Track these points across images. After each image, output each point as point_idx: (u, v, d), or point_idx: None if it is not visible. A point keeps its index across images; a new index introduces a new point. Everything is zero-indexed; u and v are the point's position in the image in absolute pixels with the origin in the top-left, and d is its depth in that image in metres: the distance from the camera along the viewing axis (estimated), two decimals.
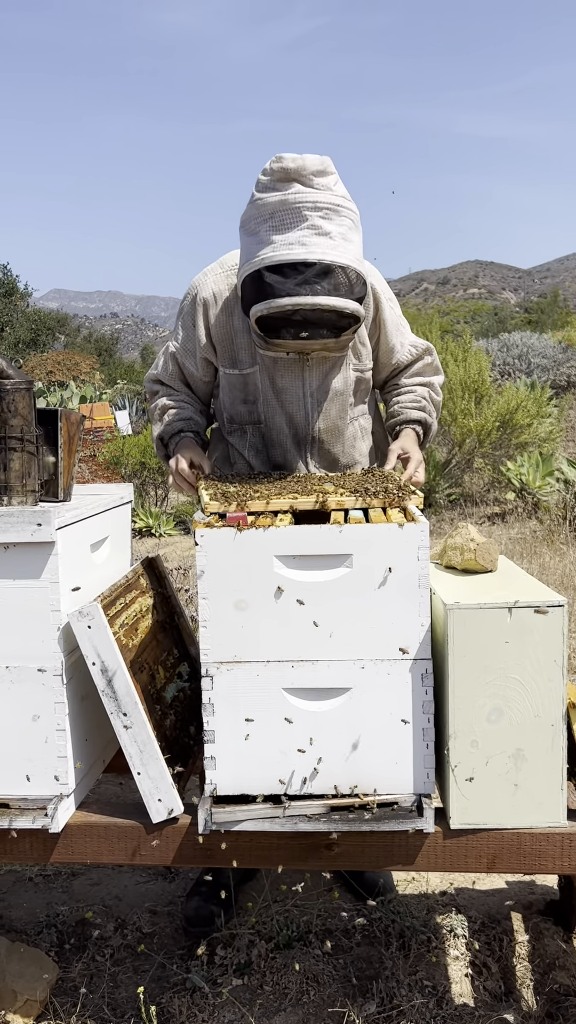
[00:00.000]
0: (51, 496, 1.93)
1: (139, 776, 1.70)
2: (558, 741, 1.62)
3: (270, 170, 1.83)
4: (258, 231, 1.84)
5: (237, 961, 2.03)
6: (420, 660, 1.63)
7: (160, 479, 8.80)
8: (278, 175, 1.82)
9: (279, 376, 2.10)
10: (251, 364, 2.11)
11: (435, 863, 1.69)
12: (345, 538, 1.61)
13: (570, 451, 9.59)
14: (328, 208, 1.81)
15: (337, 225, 1.82)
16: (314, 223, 1.80)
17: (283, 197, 1.81)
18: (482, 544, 1.86)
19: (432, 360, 2.29)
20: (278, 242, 1.80)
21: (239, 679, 1.65)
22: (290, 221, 1.80)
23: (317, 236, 1.79)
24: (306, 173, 1.81)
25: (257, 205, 1.84)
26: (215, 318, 2.11)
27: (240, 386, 2.14)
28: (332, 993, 1.94)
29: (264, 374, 2.11)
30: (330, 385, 2.12)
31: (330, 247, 1.79)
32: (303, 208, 1.80)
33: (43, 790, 1.73)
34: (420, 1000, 1.89)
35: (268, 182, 1.84)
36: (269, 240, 1.81)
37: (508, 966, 2.01)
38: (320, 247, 1.79)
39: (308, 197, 1.80)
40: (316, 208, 1.80)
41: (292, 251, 1.78)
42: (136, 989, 1.94)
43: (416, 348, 2.27)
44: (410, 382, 2.26)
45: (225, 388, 2.18)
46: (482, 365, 8.23)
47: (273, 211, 1.81)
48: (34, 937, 2.17)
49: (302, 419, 2.13)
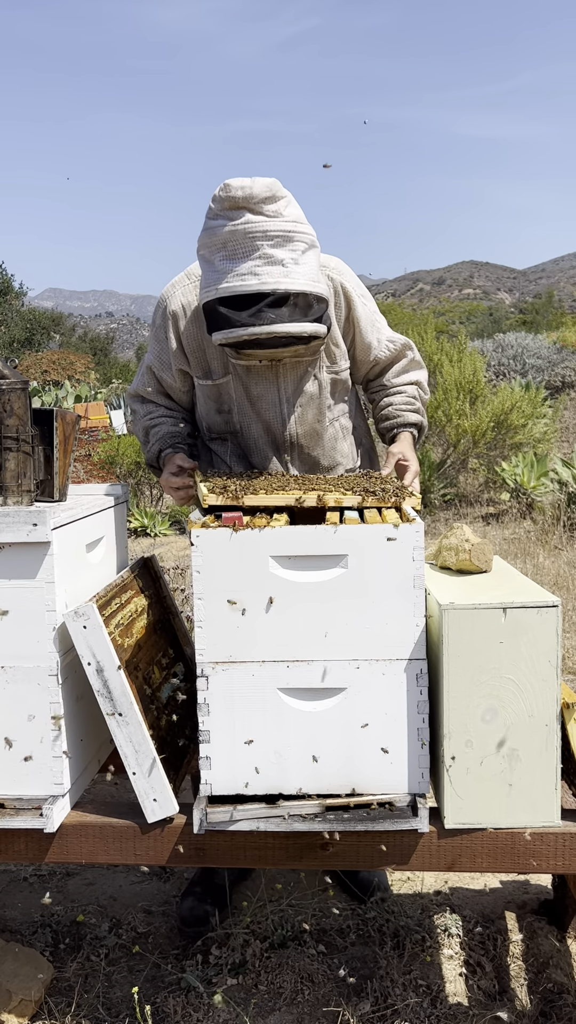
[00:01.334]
0: (47, 496, 1.93)
1: (134, 776, 1.70)
2: (552, 741, 1.62)
3: (219, 198, 1.82)
4: (212, 259, 1.84)
5: (232, 961, 2.03)
6: (415, 660, 1.63)
7: (155, 479, 8.80)
8: (227, 203, 1.81)
9: (253, 384, 2.10)
10: (223, 374, 2.11)
11: (429, 863, 1.69)
12: (340, 539, 1.61)
13: (564, 452, 9.61)
14: (280, 236, 1.80)
15: (289, 251, 1.81)
16: (265, 252, 1.79)
17: (233, 227, 1.80)
18: (477, 545, 1.87)
19: (414, 355, 2.28)
20: (232, 272, 1.80)
21: (234, 679, 1.65)
22: (242, 252, 1.80)
23: (269, 265, 1.79)
24: (255, 201, 1.80)
25: (209, 233, 1.84)
26: (185, 329, 2.11)
27: (214, 396, 2.14)
28: (327, 992, 1.95)
29: (238, 383, 2.11)
30: (304, 389, 2.12)
31: (282, 275, 1.79)
32: (255, 238, 1.79)
33: (38, 790, 1.73)
34: (414, 999, 1.89)
35: (218, 210, 1.83)
36: (223, 269, 1.81)
37: (502, 965, 2.02)
38: (272, 276, 1.79)
39: (258, 227, 1.79)
40: (267, 237, 1.80)
41: (245, 282, 1.79)
42: (131, 989, 1.94)
43: (394, 343, 2.25)
44: (399, 381, 2.26)
45: (201, 398, 2.18)
46: (477, 366, 8.24)
47: (225, 241, 1.81)
48: (29, 937, 2.17)
49: (279, 425, 2.13)
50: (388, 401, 2.25)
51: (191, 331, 2.10)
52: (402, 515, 1.72)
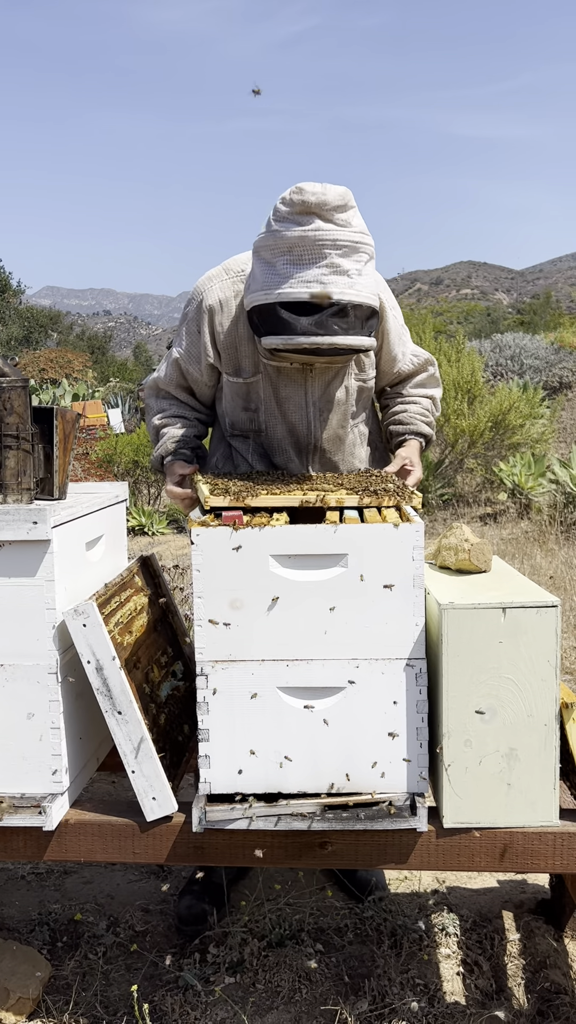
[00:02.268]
0: (46, 494, 1.93)
1: (133, 774, 1.70)
2: (551, 741, 1.63)
3: (290, 201, 1.79)
4: (275, 262, 1.81)
5: (230, 959, 2.03)
6: (414, 660, 1.63)
7: (153, 478, 8.79)
8: (299, 207, 1.78)
9: (282, 385, 2.10)
10: (254, 373, 2.10)
11: (428, 862, 1.70)
12: (340, 538, 1.62)
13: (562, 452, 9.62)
14: (347, 246, 1.78)
15: (354, 262, 1.80)
16: (333, 261, 1.77)
17: (303, 233, 1.77)
18: (476, 544, 1.87)
19: (434, 372, 2.30)
20: (296, 278, 1.78)
21: (233, 678, 1.65)
22: (309, 258, 1.77)
23: (335, 275, 1.77)
24: (327, 208, 1.77)
25: (275, 235, 1.80)
26: (220, 325, 2.10)
27: (242, 394, 2.14)
28: (324, 991, 1.95)
29: (267, 383, 2.10)
30: (332, 394, 2.13)
31: (347, 285, 1.78)
32: (324, 246, 1.77)
33: (37, 788, 1.73)
34: (412, 998, 1.89)
35: (287, 213, 1.80)
36: (287, 274, 1.79)
37: (499, 964, 2.02)
38: (338, 286, 1.77)
39: (328, 235, 1.77)
40: (336, 246, 1.77)
41: (310, 289, 1.77)
42: (129, 987, 1.95)
43: (417, 358, 2.27)
44: (416, 392, 2.27)
45: (227, 395, 2.17)
46: (475, 366, 8.25)
47: (292, 245, 1.78)
48: (26, 935, 2.17)
49: (304, 428, 2.13)
50: (403, 408, 2.25)
51: (227, 327, 2.09)
52: (402, 515, 1.72)
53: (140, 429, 9.27)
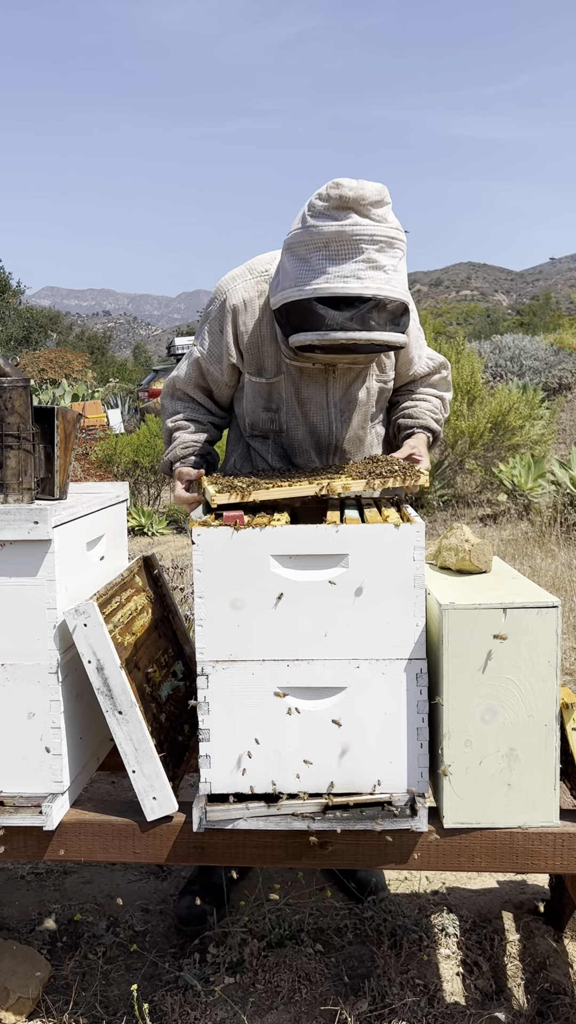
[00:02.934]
0: (47, 494, 1.93)
1: (134, 774, 1.70)
2: (551, 741, 1.63)
3: (327, 196, 1.78)
4: (309, 258, 1.79)
5: (229, 959, 2.03)
6: (415, 660, 1.63)
7: (153, 478, 8.79)
8: (336, 202, 1.77)
9: (304, 386, 2.10)
10: (276, 373, 2.10)
11: (428, 862, 1.70)
12: (341, 538, 1.62)
13: (561, 453, 9.63)
14: (384, 241, 1.77)
15: (390, 257, 1.79)
16: (370, 256, 1.76)
17: (340, 228, 1.76)
18: (476, 545, 1.87)
19: (447, 375, 2.30)
20: (332, 273, 1.76)
21: (234, 678, 1.65)
22: (346, 253, 1.76)
23: (372, 270, 1.77)
24: (365, 203, 1.76)
25: (311, 231, 1.79)
26: (244, 325, 2.09)
27: (264, 394, 2.13)
28: (324, 991, 1.95)
29: (289, 383, 2.10)
30: (353, 395, 2.13)
31: (384, 281, 1.77)
32: (360, 241, 1.76)
33: (38, 788, 1.74)
34: (412, 998, 1.89)
35: (324, 208, 1.78)
36: (322, 270, 1.77)
37: (499, 965, 2.02)
38: (375, 282, 1.76)
39: (366, 230, 1.76)
40: (373, 241, 1.76)
41: (348, 284, 1.75)
42: (128, 987, 1.95)
43: (432, 361, 2.28)
44: (427, 391, 2.27)
45: (248, 394, 2.16)
46: (475, 367, 8.25)
47: (328, 240, 1.77)
48: (26, 935, 2.17)
49: (325, 428, 2.13)
50: (413, 403, 2.25)
51: (250, 327, 2.09)
52: (403, 515, 1.72)
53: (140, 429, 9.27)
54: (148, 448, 8.55)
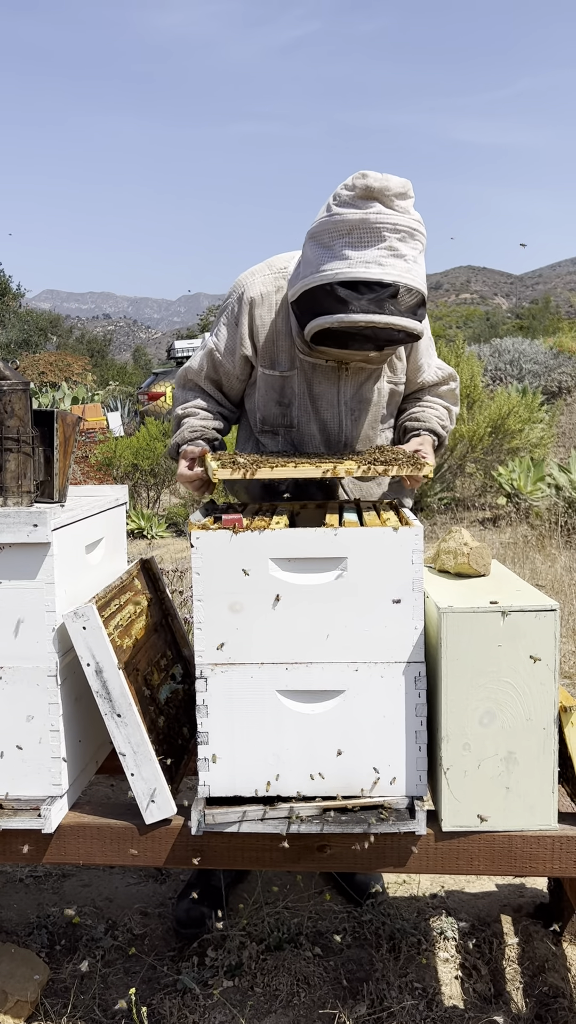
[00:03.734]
0: (46, 497, 1.93)
1: (133, 777, 1.70)
2: (549, 744, 1.63)
3: (352, 186, 1.83)
4: (332, 245, 1.84)
5: (228, 963, 2.03)
6: (413, 663, 1.64)
7: (152, 481, 8.79)
8: (361, 192, 1.82)
9: (316, 382, 2.12)
10: (290, 367, 2.13)
11: (426, 865, 1.70)
12: (340, 541, 1.62)
13: (561, 457, 9.63)
14: (406, 231, 1.83)
15: (411, 248, 1.84)
16: (392, 244, 1.81)
17: (364, 215, 1.81)
18: (475, 548, 1.87)
19: (455, 387, 2.32)
20: (355, 259, 1.81)
21: (233, 681, 1.66)
22: (368, 240, 1.81)
23: (393, 257, 1.82)
24: (389, 194, 1.81)
25: (335, 220, 1.84)
26: (260, 318, 2.12)
27: (277, 388, 2.16)
28: (323, 995, 1.95)
29: (302, 378, 2.12)
30: (364, 395, 2.15)
31: (405, 269, 1.82)
32: (383, 229, 1.81)
33: (36, 791, 1.74)
34: (410, 1002, 1.89)
35: (349, 198, 1.83)
36: (344, 256, 1.82)
37: (498, 968, 2.02)
38: (396, 268, 1.81)
39: (389, 219, 1.81)
40: (395, 230, 1.82)
41: (370, 270, 1.80)
42: (127, 990, 1.94)
43: (442, 370, 2.29)
44: (435, 400, 2.29)
45: (261, 388, 2.19)
46: (474, 370, 8.26)
47: (352, 227, 1.82)
48: (25, 938, 2.17)
49: (335, 426, 2.15)
50: (420, 408, 2.26)
51: (266, 320, 2.12)
52: (401, 518, 1.73)
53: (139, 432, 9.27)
54: (147, 451, 8.55)
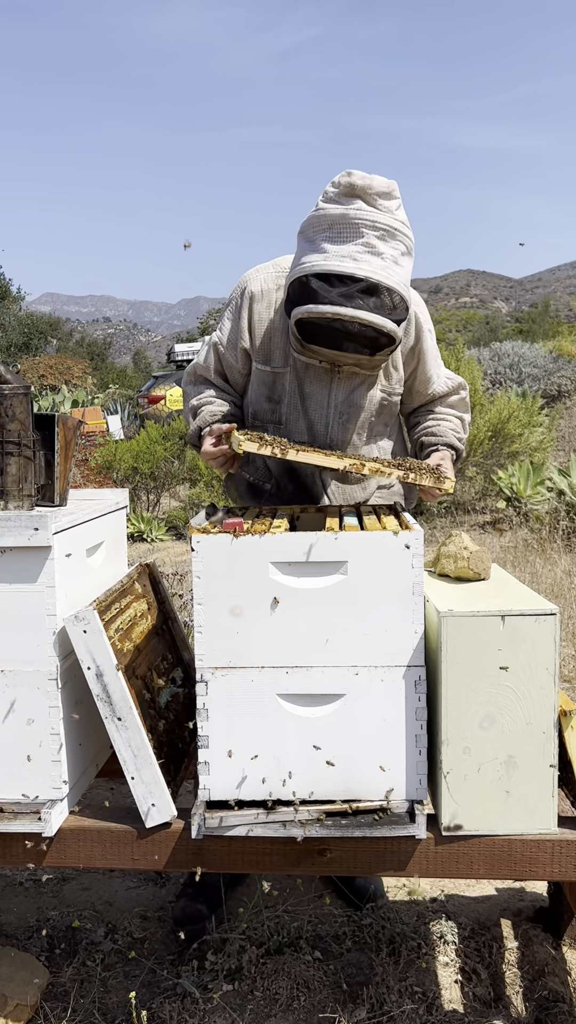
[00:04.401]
0: (47, 501, 1.94)
1: (133, 781, 1.70)
2: (549, 748, 1.63)
3: (337, 183, 1.88)
4: (315, 239, 1.90)
5: (228, 966, 2.03)
6: (413, 667, 1.64)
7: (152, 484, 8.79)
8: (344, 189, 1.87)
9: (307, 382, 2.14)
10: (283, 365, 2.15)
11: (426, 869, 1.70)
12: (340, 545, 1.62)
13: (561, 460, 9.64)
14: (385, 230, 1.86)
15: (391, 248, 1.87)
16: (369, 241, 1.85)
17: (344, 211, 1.86)
18: (475, 552, 1.88)
19: (465, 396, 2.33)
20: (331, 252, 1.86)
21: (233, 684, 1.66)
22: (346, 235, 1.86)
23: (369, 254, 1.85)
24: (371, 192, 1.86)
25: (319, 215, 1.90)
26: (258, 313, 2.16)
27: (268, 383, 2.18)
28: (323, 999, 1.95)
29: (293, 376, 2.15)
30: (354, 400, 2.15)
31: (380, 267, 1.85)
32: (361, 225, 1.85)
33: (37, 794, 1.74)
34: (410, 1006, 1.89)
35: (334, 194, 1.89)
36: (323, 249, 1.87)
37: (498, 973, 2.02)
38: (370, 265, 1.84)
39: (368, 216, 1.85)
40: (374, 227, 1.85)
41: (343, 264, 1.84)
42: (127, 994, 1.94)
43: (451, 380, 2.30)
44: (447, 411, 2.29)
45: (254, 383, 2.22)
46: (474, 374, 8.26)
47: (332, 223, 1.87)
48: (24, 942, 2.17)
49: (322, 428, 2.16)
50: (435, 422, 2.27)
51: (264, 315, 2.16)
52: (401, 522, 1.73)
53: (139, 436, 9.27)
54: (147, 454, 8.56)
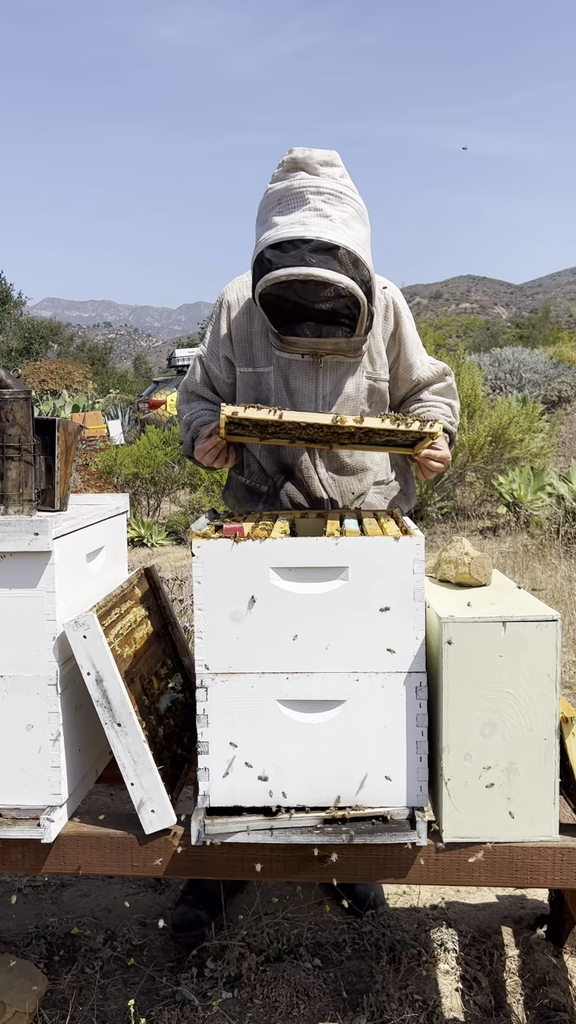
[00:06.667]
0: (47, 506, 1.93)
1: (132, 787, 1.69)
2: (551, 755, 1.62)
3: (282, 162, 1.95)
4: (267, 218, 1.94)
5: (227, 974, 2.02)
6: (414, 673, 1.63)
7: (152, 489, 8.79)
8: (287, 165, 1.94)
9: (292, 377, 2.15)
10: (266, 364, 2.17)
11: (427, 876, 1.69)
12: (341, 550, 1.62)
13: (561, 466, 9.64)
14: (330, 193, 1.90)
15: (339, 211, 1.90)
16: (315, 206, 1.89)
17: (288, 183, 1.92)
18: (476, 558, 1.87)
19: (451, 383, 2.33)
20: (281, 224, 1.89)
21: (233, 690, 1.65)
22: (293, 204, 1.90)
23: (318, 217, 1.88)
24: (312, 162, 1.92)
25: (267, 195, 1.96)
26: (235, 319, 2.19)
27: (254, 384, 2.19)
28: (322, 1007, 1.94)
29: (278, 374, 2.15)
30: (342, 389, 2.16)
31: (328, 227, 1.87)
32: (305, 192, 1.90)
33: (36, 800, 1.73)
34: (411, 1014, 1.88)
35: (279, 173, 1.95)
36: (273, 223, 1.91)
37: (498, 981, 2.01)
38: (319, 226, 1.87)
39: (311, 182, 1.90)
40: (318, 192, 1.90)
41: (292, 230, 1.87)
42: (126, 1002, 1.93)
43: (435, 366, 2.31)
44: (436, 398, 2.29)
45: (240, 388, 2.23)
46: (474, 380, 8.27)
47: (280, 197, 1.92)
48: (23, 948, 2.16)
49: None
50: (426, 408, 2.27)
51: (241, 321, 2.19)
52: (402, 527, 1.72)
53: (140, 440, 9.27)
54: (148, 459, 8.56)
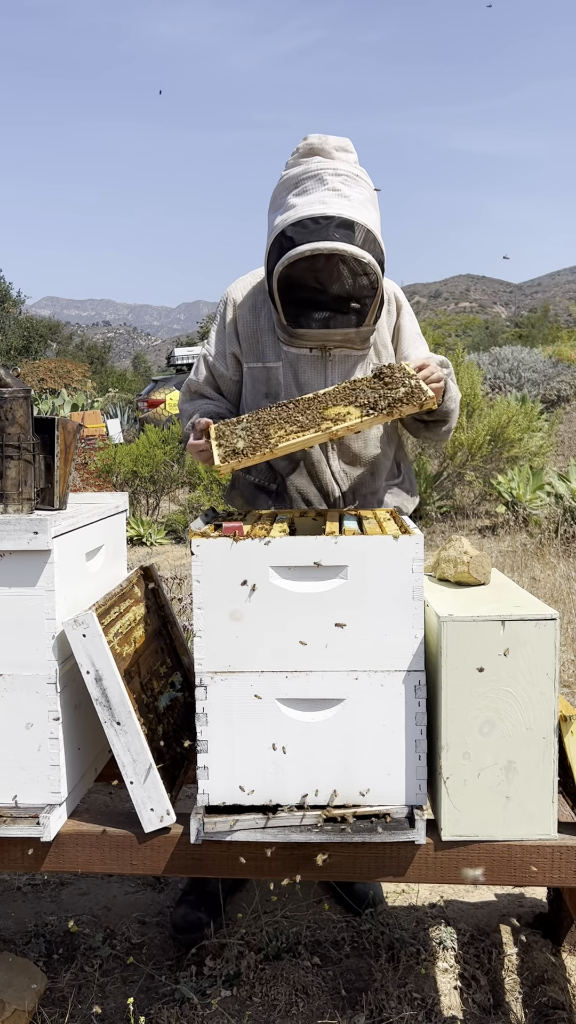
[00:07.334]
0: (47, 504, 1.94)
1: (132, 785, 1.70)
2: (549, 754, 1.63)
3: (297, 148, 1.99)
4: (284, 201, 1.97)
5: (226, 972, 2.02)
6: (413, 672, 1.64)
7: (152, 488, 8.79)
8: (303, 151, 1.98)
9: (301, 371, 2.16)
10: (275, 359, 2.18)
11: (426, 875, 1.69)
12: (340, 550, 1.62)
13: (560, 465, 9.64)
14: (347, 175, 1.96)
15: (356, 192, 1.95)
16: (334, 186, 1.93)
17: (306, 167, 1.96)
18: (475, 557, 1.87)
19: (451, 372, 2.32)
20: (301, 204, 1.93)
21: (233, 689, 1.65)
22: (311, 186, 1.94)
23: (338, 197, 1.92)
24: (328, 147, 1.97)
25: (283, 180, 2.00)
26: (242, 317, 2.20)
27: (263, 380, 2.20)
28: (321, 1005, 1.94)
29: (288, 369, 2.16)
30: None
31: (347, 206, 1.91)
32: (323, 173, 1.95)
33: (35, 799, 1.73)
34: (409, 1012, 1.89)
35: (293, 159, 2.00)
36: (291, 205, 1.94)
37: (497, 979, 2.01)
38: (339, 205, 1.91)
39: (329, 165, 1.95)
40: (336, 174, 1.95)
41: (313, 207, 1.90)
42: (125, 1000, 1.94)
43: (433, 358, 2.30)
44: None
45: (248, 384, 2.23)
46: (474, 379, 8.27)
47: (297, 180, 1.96)
48: (22, 947, 2.16)
49: None
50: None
51: (247, 319, 2.20)
52: (401, 527, 1.73)
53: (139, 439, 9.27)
54: (147, 458, 8.56)
